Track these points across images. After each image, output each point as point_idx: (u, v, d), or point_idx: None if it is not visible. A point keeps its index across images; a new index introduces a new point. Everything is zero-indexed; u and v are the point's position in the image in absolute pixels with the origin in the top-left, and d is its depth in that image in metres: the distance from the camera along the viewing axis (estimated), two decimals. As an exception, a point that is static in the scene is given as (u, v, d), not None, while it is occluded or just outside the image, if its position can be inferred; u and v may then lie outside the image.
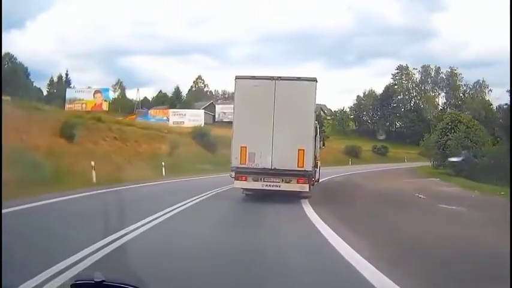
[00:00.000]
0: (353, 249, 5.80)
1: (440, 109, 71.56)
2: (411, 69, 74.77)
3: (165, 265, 4.76)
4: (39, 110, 24.12)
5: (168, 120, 50.26)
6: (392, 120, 72.71)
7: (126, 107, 55.99)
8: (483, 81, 71.32)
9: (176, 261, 5.03)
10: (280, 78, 10.59)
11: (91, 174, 14.18)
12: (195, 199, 10.87)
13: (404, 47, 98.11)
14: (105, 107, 46.91)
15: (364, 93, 75.58)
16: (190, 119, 48.61)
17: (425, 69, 74.46)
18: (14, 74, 45.98)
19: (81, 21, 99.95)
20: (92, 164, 14.35)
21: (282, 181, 10.54)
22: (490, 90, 70.10)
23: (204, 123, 43.37)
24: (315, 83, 10.64)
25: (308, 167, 10.49)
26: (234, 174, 10.72)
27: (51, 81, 63.93)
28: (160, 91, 70.10)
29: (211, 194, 12.32)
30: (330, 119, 69.90)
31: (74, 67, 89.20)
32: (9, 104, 20.19)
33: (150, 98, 68.44)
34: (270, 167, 10.47)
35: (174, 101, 62.38)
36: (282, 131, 10.36)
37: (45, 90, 61.36)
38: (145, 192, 13.36)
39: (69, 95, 48.90)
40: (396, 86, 74.57)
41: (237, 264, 4.96)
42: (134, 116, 48.45)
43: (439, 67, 73.96)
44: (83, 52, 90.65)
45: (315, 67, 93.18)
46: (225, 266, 4.83)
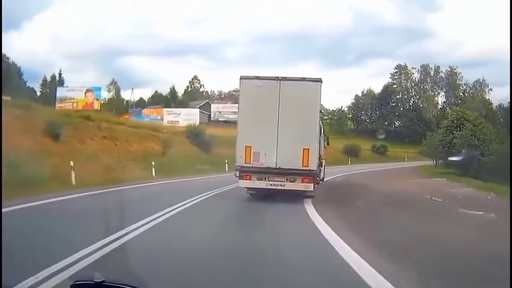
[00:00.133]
0: (375, 270, 4.56)
1: (440, 108, 70.83)
2: (410, 68, 73.92)
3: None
4: (26, 108, 22.90)
5: (162, 119, 49.05)
6: (391, 119, 71.68)
7: (121, 108, 54.63)
8: (483, 80, 70.54)
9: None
10: (285, 79, 10.66)
11: (70, 176, 12.76)
12: (177, 207, 9.14)
13: (400, 47, 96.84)
14: (97, 106, 45.32)
15: (362, 92, 74.57)
16: (185, 118, 47.35)
17: (425, 69, 73.46)
18: (6, 73, 44.69)
19: (78, 22, 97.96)
20: (71, 165, 12.89)
21: (287, 180, 10.52)
22: (490, 89, 69.41)
23: (199, 123, 42.04)
24: (320, 83, 10.70)
25: (313, 166, 10.48)
26: (238, 174, 10.73)
27: (44, 80, 62.54)
28: (156, 91, 69.29)
29: (201, 199, 10.95)
30: (327, 119, 68.86)
31: (70, 68, 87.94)
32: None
33: (146, 99, 67.62)
34: (274, 166, 10.47)
35: (169, 100, 61.31)
36: (287, 130, 10.39)
37: (39, 90, 60.22)
38: (127, 196, 11.12)
39: (59, 93, 47.11)
40: (395, 86, 73.54)
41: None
42: (128, 116, 47.13)
43: (439, 66, 73.08)
44: (80, 53, 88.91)
45: (311, 67, 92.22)
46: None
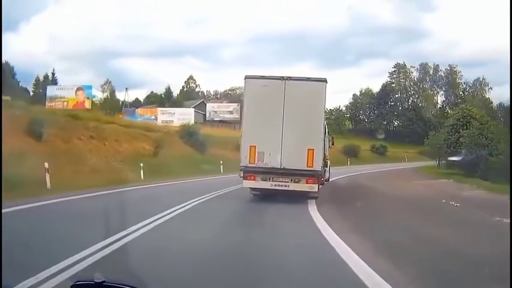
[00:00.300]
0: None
1: (440, 107, 69.98)
2: (409, 67, 73.03)
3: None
4: (10, 107, 21.56)
5: (156, 119, 47.78)
6: (390, 119, 70.72)
7: (116, 108, 53.51)
8: (483, 79, 69.65)
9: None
10: (290, 78, 10.55)
11: (45, 179, 11.34)
12: (161, 217, 7.73)
13: (397, 47, 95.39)
14: (88, 105, 43.68)
15: (360, 92, 73.58)
16: (180, 117, 45.90)
17: (424, 67, 72.58)
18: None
19: (74, 23, 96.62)
20: (46, 167, 11.43)
21: (291, 181, 10.42)
22: (490, 88, 68.50)
23: (194, 122, 40.70)
24: (325, 83, 10.59)
25: (317, 166, 10.35)
26: (242, 174, 10.65)
27: (37, 80, 61.16)
28: (151, 92, 68.36)
29: (187, 207, 9.49)
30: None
31: (66, 69, 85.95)
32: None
33: (141, 99, 66.65)
34: (279, 167, 10.35)
35: (163, 100, 60.27)
36: (292, 130, 10.30)
37: (31, 90, 58.97)
38: (101, 204, 9.00)
39: (50, 92, 45.31)
40: (394, 85, 72.56)
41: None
42: (121, 116, 45.73)
43: (438, 65, 72.30)
44: (76, 54, 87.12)
45: (308, 67, 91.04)
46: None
